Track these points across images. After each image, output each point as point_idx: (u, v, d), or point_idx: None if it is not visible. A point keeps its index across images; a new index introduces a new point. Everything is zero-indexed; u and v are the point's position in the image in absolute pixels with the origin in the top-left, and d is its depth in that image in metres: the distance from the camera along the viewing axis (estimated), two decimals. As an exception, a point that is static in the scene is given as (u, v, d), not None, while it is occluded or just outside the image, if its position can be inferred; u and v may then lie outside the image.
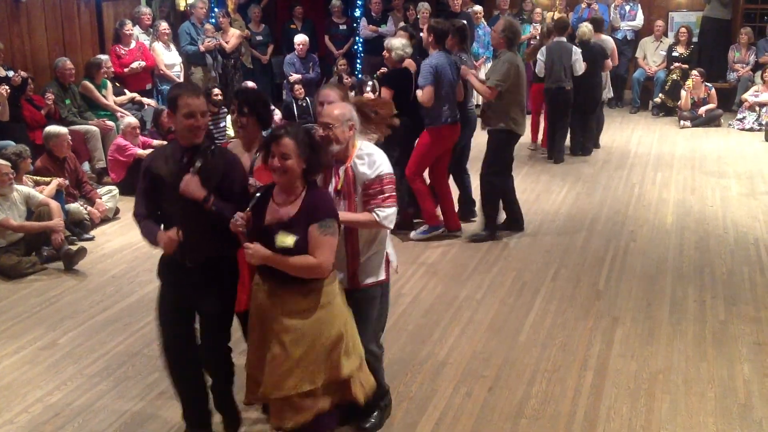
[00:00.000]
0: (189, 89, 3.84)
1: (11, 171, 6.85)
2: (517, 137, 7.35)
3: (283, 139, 3.54)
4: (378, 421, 4.32)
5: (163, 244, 3.75)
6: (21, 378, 4.96)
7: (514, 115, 7.11)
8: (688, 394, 4.66)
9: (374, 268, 4.06)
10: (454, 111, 7.16)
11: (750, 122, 12.04)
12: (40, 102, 8.80)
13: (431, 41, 7.23)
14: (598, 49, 10.46)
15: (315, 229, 3.55)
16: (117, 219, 8.14)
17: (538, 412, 4.50)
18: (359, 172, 3.93)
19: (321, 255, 3.55)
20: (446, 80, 7.02)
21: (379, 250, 4.06)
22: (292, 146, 3.53)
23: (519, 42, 12.78)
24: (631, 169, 9.93)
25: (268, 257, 3.55)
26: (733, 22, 13.54)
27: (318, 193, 3.69)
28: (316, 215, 3.57)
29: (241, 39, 11.86)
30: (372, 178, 3.91)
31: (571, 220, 7.96)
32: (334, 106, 3.97)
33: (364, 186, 3.92)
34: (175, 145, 3.88)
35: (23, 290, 6.39)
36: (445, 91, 7.02)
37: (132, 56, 10.27)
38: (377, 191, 3.91)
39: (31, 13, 9.33)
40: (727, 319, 5.65)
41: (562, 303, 5.96)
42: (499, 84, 7.01)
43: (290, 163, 3.54)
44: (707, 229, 7.61)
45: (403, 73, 7.35)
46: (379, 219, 3.89)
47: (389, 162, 4.03)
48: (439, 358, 5.13)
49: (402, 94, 7.21)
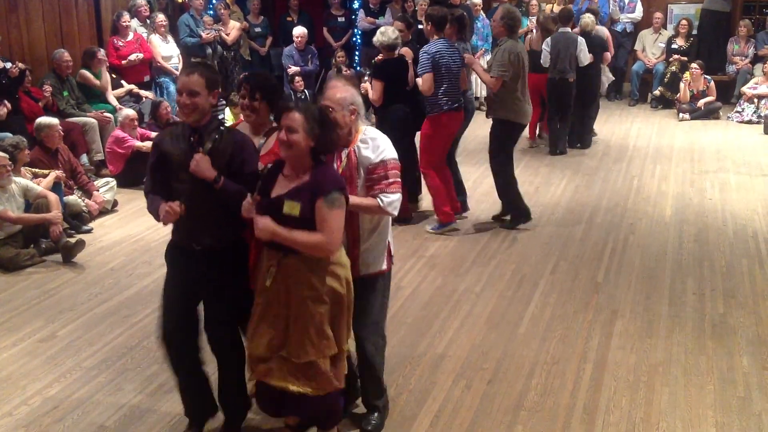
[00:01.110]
0: (186, 67, 3.87)
1: (9, 163, 6.82)
2: (520, 127, 7.34)
3: (291, 113, 3.53)
4: (379, 422, 4.27)
5: (163, 214, 3.69)
6: (20, 370, 4.95)
7: (515, 104, 7.10)
8: (687, 387, 4.67)
9: (376, 257, 4.03)
10: (455, 98, 7.12)
11: (749, 114, 12.03)
12: (38, 94, 8.78)
13: (430, 29, 7.20)
14: (599, 41, 10.44)
15: (321, 203, 3.52)
16: (115, 211, 8.13)
17: (538, 404, 4.50)
18: (362, 156, 3.89)
19: (328, 232, 3.53)
20: (445, 67, 6.99)
21: (380, 239, 4.03)
22: (300, 121, 3.51)
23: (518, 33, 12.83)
24: (630, 161, 9.92)
25: (276, 232, 3.51)
26: (732, 14, 13.53)
27: (324, 167, 3.66)
28: (322, 188, 3.54)
29: (241, 31, 11.83)
30: (376, 163, 3.88)
31: (570, 212, 7.96)
32: (336, 89, 3.91)
33: (367, 170, 3.89)
34: (185, 125, 3.84)
35: (21, 282, 6.38)
36: (444, 78, 6.99)
37: (129, 48, 10.24)
38: (381, 176, 3.88)
39: (28, 4, 9.30)
40: (726, 312, 5.65)
41: (562, 296, 5.96)
42: (502, 73, 6.99)
43: (296, 137, 3.51)
44: (706, 221, 7.61)
45: (395, 62, 7.34)
46: (383, 204, 3.86)
47: (394, 148, 4.01)
48: (438, 350, 5.13)
49: (397, 83, 7.20)
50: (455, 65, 7.09)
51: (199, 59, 10.81)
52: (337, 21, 13.16)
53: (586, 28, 10.32)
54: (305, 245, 3.55)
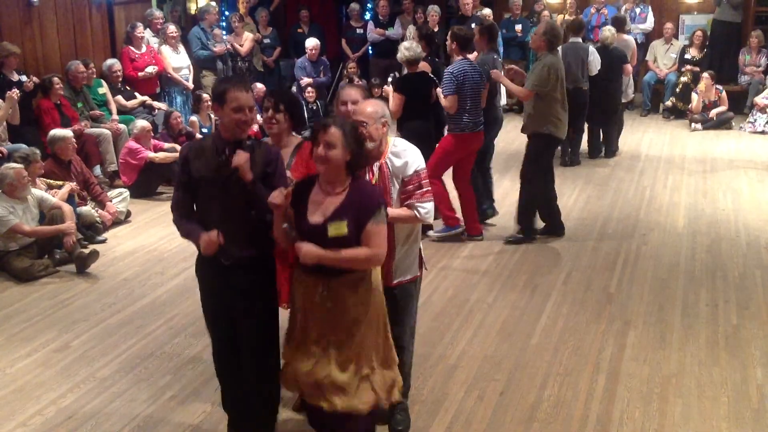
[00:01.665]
0: (237, 83, 3.75)
1: (26, 174, 6.89)
2: (557, 141, 7.35)
3: (330, 128, 3.55)
4: (406, 420, 4.32)
5: (203, 245, 3.70)
6: (34, 381, 4.98)
7: (554, 118, 7.07)
8: (701, 399, 4.65)
9: (410, 264, 4.12)
10: (477, 119, 7.12)
11: (761, 125, 11.99)
12: (68, 111, 8.84)
13: (455, 48, 7.16)
14: (617, 53, 10.44)
15: (370, 224, 3.57)
16: (129, 222, 8.17)
17: (551, 416, 4.49)
18: (395, 167, 3.97)
19: (376, 245, 3.58)
20: (468, 88, 6.98)
21: (413, 247, 4.12)
22: (338, 136, 3.54)
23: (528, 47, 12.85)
24: (642, 172, 9.90)
25: (322, 255, 3.53)
26: (743, 25, 13.49)
27: (363, 183, 3.71)
28: (368, 208, 3.57)
29: (254, 42, 11.90)
30: (410, 174, 3.97)
31: (582, 223, 7.94)
32: (366, 103, 4.00)
33: (402, 182, 3.97)
34: (216, 139, 3.81)
35: (36, 293, 6.42)
36: (467, 100, 7.00)
37: (144, 60, 10.32)
38: (416, 186, 3.97)
39: (43, 16, 9.38)
40: (740, 323, 5.63)
41: (574, 306, 5.95)
42: (536, 87, 6.99)
43: (334, 153, 3.54)
44: (719, 232, 7.58)
45: (417, 77, 7.35)
46: (420, 215, 3.96)
47: (422, 157, 4.08)
48: (450, 361, 5.13)
49: (418, 98, 7.19)
50: (477, 85, 7.07)
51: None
52: (356, 32, 13.22)
53: (605, 41, 10.32)
54: (356, 261, 3.58)
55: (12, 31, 8.95)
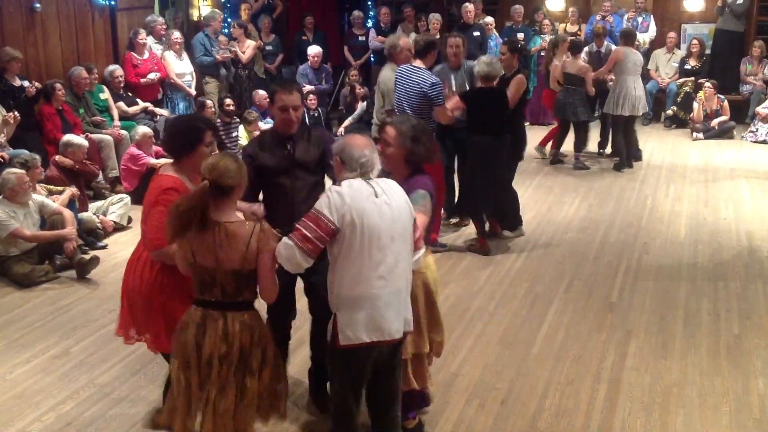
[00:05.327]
0: (284, 86, 4.31)
1: (28, 179, 6.90)
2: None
3: (386, 127, 4.08)
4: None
5: (246, 217, 3.96)
6: (34, 387, 4.97)
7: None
8: (702, 408, 4.63)
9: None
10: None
11: (763, 134, 11.98)
12: (70, 116, 8.86)
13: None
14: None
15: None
16: (130, 228, 8.14)
17: (552, 425, 4.48)
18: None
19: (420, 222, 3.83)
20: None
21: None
22: (392, 134, 4.02)
23: (530, 54, 12.91)
24: (643, 181, 9.90)
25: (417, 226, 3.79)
26: (746, 34, 13.50)
27: (419, 176, 4.05)
28: (411, 189, 3.87)
29: (256, 50, 11.92)
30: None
31: (583, 231, 7.93)
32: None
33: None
34: (275, 135, 4.38)
35: (36, 299, 6.41)
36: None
37: (146, 66, 10.34)
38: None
39: (45, 22, 9.40)
40: (742, 333, 5.61)
41: (575, 315, 5.93)
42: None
43: (390, 150, 4.03)
44: (721, 241, 7.57)
45: (487, 92, 7.16)
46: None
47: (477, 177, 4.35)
48: (451, 369, 5.12)
49: (482, 113, 7.07)
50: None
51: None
52: (358, 40, 13.22)
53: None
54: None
55: (15, 36, 8.96)
